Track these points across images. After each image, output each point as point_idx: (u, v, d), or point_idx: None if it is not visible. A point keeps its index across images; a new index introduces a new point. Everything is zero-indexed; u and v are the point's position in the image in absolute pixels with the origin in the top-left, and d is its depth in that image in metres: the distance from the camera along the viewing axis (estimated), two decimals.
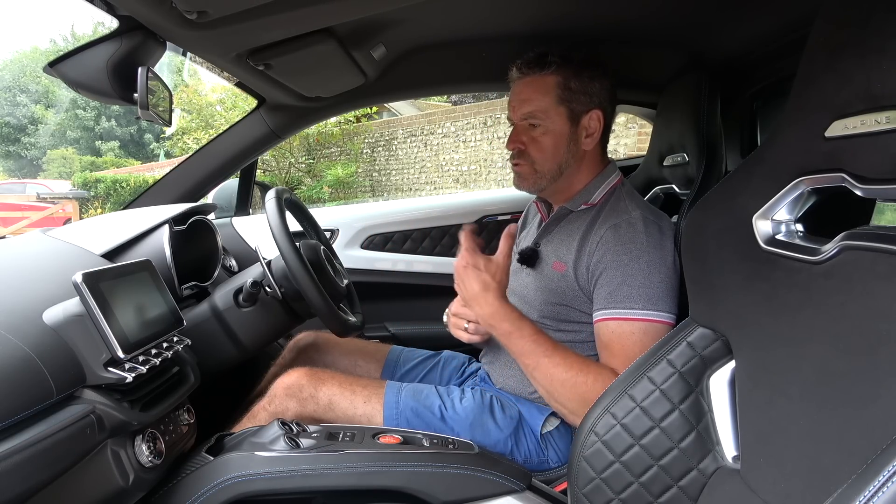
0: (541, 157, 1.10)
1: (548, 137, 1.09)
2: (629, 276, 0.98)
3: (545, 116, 1.08)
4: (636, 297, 0.97)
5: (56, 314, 0.79)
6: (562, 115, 1.08)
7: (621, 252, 1.00)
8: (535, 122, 1.09)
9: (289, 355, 1.39)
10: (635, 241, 1.00)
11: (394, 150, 10.10)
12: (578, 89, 1.08)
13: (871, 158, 0.55)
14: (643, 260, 0.99)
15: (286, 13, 0.94)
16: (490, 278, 0.98)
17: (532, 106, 1.09)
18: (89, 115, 23.40)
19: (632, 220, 1.02)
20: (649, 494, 0.79)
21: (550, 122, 1.08)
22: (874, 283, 0.53)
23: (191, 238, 1.27)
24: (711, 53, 1.33)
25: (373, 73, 1.40)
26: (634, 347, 0.96)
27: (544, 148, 1.10)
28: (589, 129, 1.10)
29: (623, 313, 0.98)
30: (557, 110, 1.08)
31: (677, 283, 1.00)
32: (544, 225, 1.19)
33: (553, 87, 1.08)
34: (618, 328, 0.98)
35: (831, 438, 0.54)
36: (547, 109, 1.08)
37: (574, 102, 1.08)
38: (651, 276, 0.98)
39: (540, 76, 1.08)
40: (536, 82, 1.09)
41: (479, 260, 0.99)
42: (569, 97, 1.08)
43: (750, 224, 0.71)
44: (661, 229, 1.03)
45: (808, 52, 0.64)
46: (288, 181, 9.97)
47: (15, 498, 0.62)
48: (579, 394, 0.94)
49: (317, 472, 0.91)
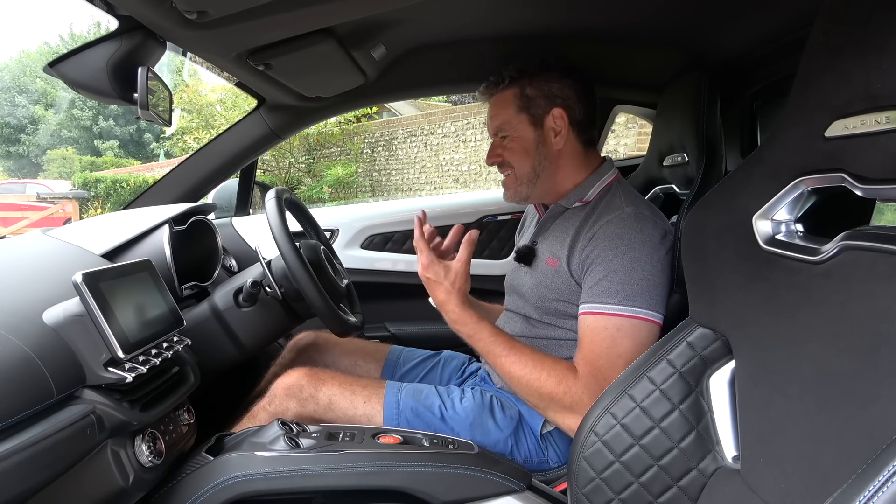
0: (516, 161, 1.16)
1: (516, 144, 1.15)
2: (611, 271, 1.00)
3: (510, 127, 1.15)
4: (614, 292, 0.98)
5: (56, 314, 0.79)
6: (524, 121, 1.14)
7: (608, 248, 1.01)
8: (504, 133, 1.16)
9: (289, 355, 1.39)
10: (623, 236, 1.01)
11: (394, 150, 10.10)
12: (535, 94, 1.14)
13: (871, 158, 0.55)
14: (628, 256, 0.99)
15: (286, 13, 0.94)
16: (450, 286, 1.03)
17: (498, 120, 1.17)
18: (87, 115, 23.38)
19: (624, 216, 1.03)
20: (649, 494, 0.79)
21: (515, 130, 1.15)
22: (874, 283, 0.53)
23: (191, 238, 1.27)
24: (711, 53, 1.33)
25: (373, 73, 1.40)
26: (602, 343, 0.97)
27: (516, 153, 1.16)
28: (556, 129, 1.14)
29: (599, 307, 0.99)
30: (519, 118, 1.14)
31: (664, 281, 1.00)
32: (540, 222, 1.21)
33: (511, 98, 1.15)
34: (592, 322, 1.00)
35: (831, 438, 0.54)
36: (510, 120, 1.15)
37: (533, 108, 1.14)
38: (633, 273, 0.98)
39: (500, 93, 1.17)
40: (498, 99, 1.17)
41: (437, 269, 1.04)
42: (526, 104, 1.14)
43: (750, 224, 0.71)
44: (655, 224, 1.03)
45: (808, 52, 0.64)
46: (288, 181, 9.97)
47: (15, 498, 0.62)
48: (534, 389, 0.99)
49: (317, 472, 0.91)
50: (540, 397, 1.00)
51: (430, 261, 1.04)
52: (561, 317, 1.11)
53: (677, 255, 1.01)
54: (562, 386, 0.97)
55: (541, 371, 0.99)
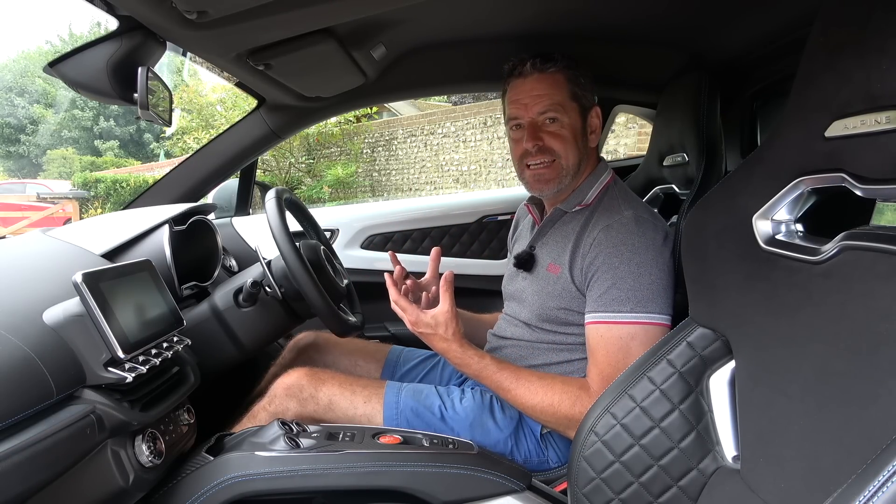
0: (563, 149, 1.08)
1: (567, 131, 1.09)
2: (619, 278, 0.99)
3: (563, 111, 1.08)
4: (625, 300, 0.97)
5: (56, 314, 0.79)
6: (575, 110, 1.10)
7: (612, 254, 1.00)
8: (553, 116, 1.08)
9: (289, 355, 1.39)
10: (627, 242, 1.00)
11: (394, 150, 10.10)
12: (585, 86, 1.11)
13: (871, 158, 0.55)
14: (634, 262, 0.99)
15: (286, 13, 0.94)
16: (444, 333, 1.02)
17: (549, 100, 1.08)
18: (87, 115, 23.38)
19: (624, 221, 1.03)
20: (649, 494, 0.79)
21: (567, 116, 1.09)
22: (874, 283, 0.53)
23: (191, 238, 1.27)
24: (711, 53, 1.33)
25: (373, 73, 1.40)
26: (618, 354, 0.96)
27: (566, 142, 1.08)
28: (592, 126, 1.13)
29: (612, 317, 0.98)
30: (572, 105, 1.09)
31: (670, 283, 1.00)
32: (538, 228, 1.18)
33: (565, 82, 1.09)
34: (606, 332, 0.98)
35: (831, 438, 0.54)
36: (563, 103, 1.08)
37: (583, 99, 1.11)
38: (641, 278, 0.98)
39: (551, 73, 1.08)
40: (549, 79, 1.08)
41: (427, 321, 1.02)
42: (579, 93, 1.10)
43: (750, 224, 0.71)
44: (655, 227, 1.03)
45: (808, 52, 0.64)
46: (288, 181, 9.97)
47: (15, 498, 0.62)
48: (550, 415, 0.99)
49: (317, 472, 0.91)
50: (557, 421, 0.99)
51: (416, 318, 1.03)
52: (562, 324, 1.10)
53: (678, 256, 1.01)
54: (577, 406, 0.97)
55: (553, 395, 0.99)
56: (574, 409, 0.97)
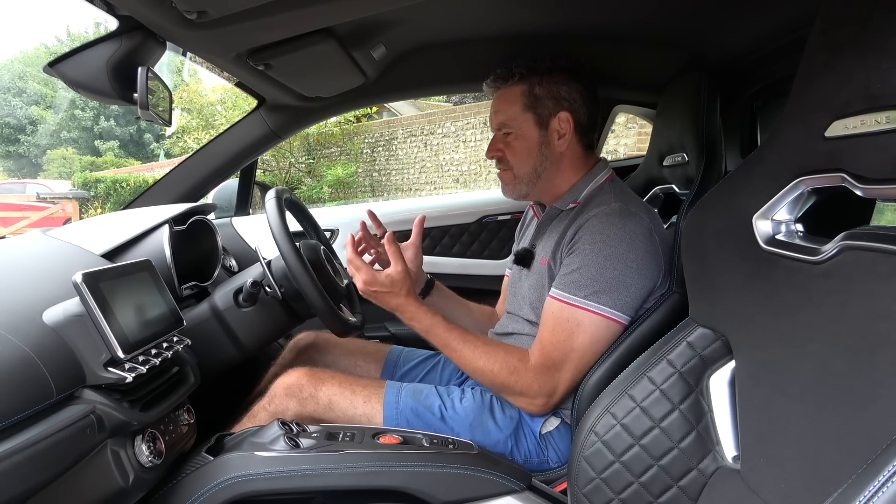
0: (516, 161, 1.16)
1: (519, 142, 1.15)
2: (585, 264, 1.01)
3: (514, 124, 1.15)
4: (583, 286, 1.00)
5: (56, 314, 0.79)
6: (529, 120, 1.14)
7: (588, 241, 1.02)
8: (508, 129, 1.16)
9: (289, 355, 1.39)
10: (604, 231, 1.01)
11: (394, 150, 10.10)
12: (544, 94, 1.13)
13: (871, 158, 0.55)
14: (604, 252, 1.00)
15: (286, 13, 0.94)
16: (399, 291, 1.06)
17: (502, 116, 1.16)
18: (87, 115, 23.38)
19: (608, 211, 1.04)
20: (649, 494, 0.79)
21: (519, 128, 1.14)
22: (874, 283, 0.53)
23: (191, 238, 1.27)
24: (711, 53, 1.33)
25: (373, 73, 1.40)
26: (562, 335, 1.00)
27: (518, 153, 1.16)
28: (560, 131, 1.13)
29: (566, 297, 1.01)
30: (524, 117, 1.14)
31: (639, 283, 1.00)
32: (537, 225, 1.22)
33: (519, 95, 1.14)
34: (558, 311, 1.01)
35: (831, 438, 0.54)
36: (515, 117, 1.14)
37: (540, 108, 1.13)
38: (604, 270, 0.99)
39: (507, 88, 1.15)
40: (505, 94, 1.16)
41: (382, 281, 1.06)
42: (534, 103, 1.13)
43: (750, 224, 0.71)
44: (640, 223, 1.03)
45: (808, 52, 0.64)
46: (288, 181, 9.98)
47: (15, 498, 0.62)
48: (488, 379, 1.05)
49: (317, 472, 0.91)
50: (493, 385, 1.06)
51: (371, 277, 1.06)
52: None
53: (677, 255, 1.01)
54: (513, 376, 1.02)
55: (494, 363, 1.03)
56: (510, 378, 1.02)
